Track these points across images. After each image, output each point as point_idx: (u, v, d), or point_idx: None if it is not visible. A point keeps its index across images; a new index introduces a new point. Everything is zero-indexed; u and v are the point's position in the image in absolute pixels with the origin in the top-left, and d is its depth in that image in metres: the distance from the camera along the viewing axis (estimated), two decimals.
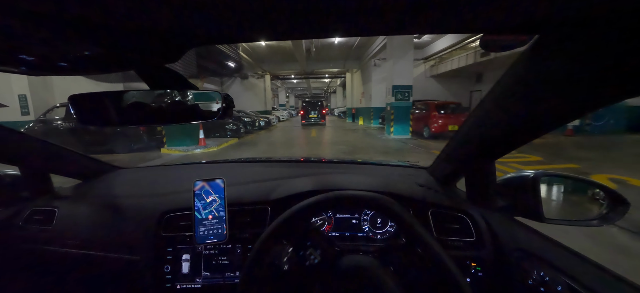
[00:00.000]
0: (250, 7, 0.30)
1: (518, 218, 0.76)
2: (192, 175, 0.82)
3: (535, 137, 0.56)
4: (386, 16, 0.34)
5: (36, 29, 0.30)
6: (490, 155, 0.71)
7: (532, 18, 0.35)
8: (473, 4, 0.31)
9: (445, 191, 0.87)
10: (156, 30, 0.35)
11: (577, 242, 1.58)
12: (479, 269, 0.72)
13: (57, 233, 0.87)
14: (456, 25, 0.38)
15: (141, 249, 0.80)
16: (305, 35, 0.40)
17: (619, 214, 0.64)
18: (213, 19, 0.33)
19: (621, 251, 2.07)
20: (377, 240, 0.85)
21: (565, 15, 0.33)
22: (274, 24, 0.35)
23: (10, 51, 0.34)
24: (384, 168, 1.13)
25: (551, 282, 0.58)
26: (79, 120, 0.48)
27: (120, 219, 0.87)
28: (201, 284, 0.80)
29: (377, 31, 0.41)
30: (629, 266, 1.86)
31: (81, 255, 0.83)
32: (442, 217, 0.80)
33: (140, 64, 0.45)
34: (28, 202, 0.95)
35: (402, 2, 0.30)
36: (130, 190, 1.02)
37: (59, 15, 0.28)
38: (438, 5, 0.31)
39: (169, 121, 0.53)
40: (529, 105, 0.49)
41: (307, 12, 0.32)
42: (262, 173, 1.07)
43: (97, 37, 0.34)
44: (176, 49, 0.42)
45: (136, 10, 0.29)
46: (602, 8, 0.30)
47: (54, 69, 0.43)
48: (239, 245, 0.82)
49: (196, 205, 0.69)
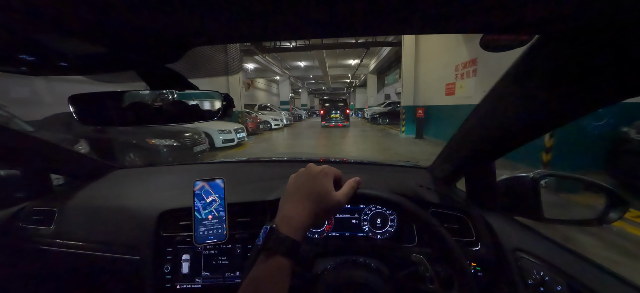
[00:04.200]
0: (250, 7, 0.30)
1: (518, 218, 0.76)
2: (192, 175, 0.82)
3: (536, 137, 0.56)
4: (384, 16, 0.34)
5: (36, 29, 0.30)
6: (490, 155, 0.71)
7: (532, 18, 0.35)
8: (473, 3, 0.31)
9: (445, 191, 0.87)
10: (156, 30, 0.35)
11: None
12: (479, 269, 0.72)
13: (56, 233, 0.87)
14: (456, 25, 0.38)
15: (141, 249, 0.80)
16: (306, 35, 0.40)
17: (618, 214, 0.64)
18: (213, 19, 0.33)
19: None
20: (377, 240, 0.85)
21: (565, 16, 0.33)
22: (275, 25, 0.35)
23: (10, 51, 0.34)
24: (384, 168, 1.13)
25: (551, 282, 0.58)
26: (79, 120, 0.48)
27: (120, 219, 0.87)
28: (201, 284, 0.80)
29: (376, 31, 0.41)
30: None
31: (81, 255, 0.83)
32: (442, 217, 0.80)
33: (140, 64, 0.45)
34: (28, 202, 0.95)
35: (402, 2, 0.30)
36: (130, 190, 1.02)
37: (59, 15, 0.28)
38: (438, 5, 0.31)
39: (169, 121, 0.53)
40: (529, 106, 0.49)
41: (308, 12, 0.32)
42: (262, 173, 1.07)
43: (97, 37, 0.34)
44: (176, 49, 0.42)
45: (136, 10, 0.29)
46: (602, 8, 0.30)
47: (54, 69, 0.43)
48: (239, 245, 0.82)
49: (196, 205, 0.69)
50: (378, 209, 0.87)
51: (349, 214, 0.88)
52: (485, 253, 0.73)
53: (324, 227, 0.87)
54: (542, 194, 0.70)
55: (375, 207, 0.87)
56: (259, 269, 0.41)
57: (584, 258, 0.60)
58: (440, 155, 0.90)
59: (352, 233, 0.86)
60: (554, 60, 0.40)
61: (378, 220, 0.86)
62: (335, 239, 0.86)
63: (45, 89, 5.71)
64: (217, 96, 0.51)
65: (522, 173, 0.74)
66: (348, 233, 0.87)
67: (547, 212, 0.68)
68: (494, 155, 0.71)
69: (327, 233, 0.86)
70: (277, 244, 0.42)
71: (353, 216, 0.88)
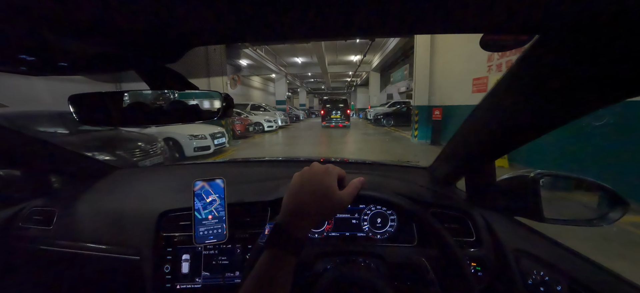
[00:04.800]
0: (251, 7, 0.30)
1: (518, 218, 0.76)
2: (192, 175, 0.82)
3: (536, 137, 0.56)
4: (384, 17, 0.34)
5: (36, 29, 0.30)
6: (490, 155, 0.71)
7: (532, 18, 0.35)
8: (473, 4, 0.31)
9: (445, 191, 0.87)
10: (156, 30, 0.35)
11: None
12: (479, 269, 0.72)
13: (56, 233, 0.87)
14: (456, 25, 0.38)
15: (141, 249, 0.80)
16: (306, 37, 0.40)
17: (618, 214, 0.64)
18: (213, 19, 0.33)
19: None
20: (377, 240, 0.85)
21: (565, 15, 0.33)
22: (275, 25, 0.35)
23: (10, 51, 0.34)
24: (384, 168, 1.13)
25: (551, 282, 0.59)
26: (78, 120, 0.48)
27: (119, 219, 0.87)
28: (201, 284, 0.80)
29: (376, 33, 0.41)
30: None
31: (81, 255, 0.83)
32: (442, 217, 0.80)
33: (140, 64, 0.45)
34: (28, 202, 0.95)
35: (401, 3, 0.30)
36: (130, 190, 1.02)
37: (59, 15, 0.28)
38: (438, 6, 0.31)
39: (169, 121, 0.53)
40: (529, 106, 0.49)
41: (308, 13, 0.32)
42: (262, 173, 1.07)
43: (97, 37, 0.34)
44: (176, 49, 0.42)
45: (136, 11, 0.29)
46: (602, 8, 0.30)
47: (54, 69, 0.43)
48: (239, 245, 0.82)
49: (196, 205, 0.69)
50: (378, 209, 0.87)
51: (349, 214, 0.88)
52: (485, 253, 0.73)
53: (324, 227, 0.87)
54: (542, 194, 0.70)
55: (375, 207, 0.87)
56: (262, 266, 0.41)
57: (584, 258, 0.60)
58: (440, 155, 0.90)
59: (352, 233, 0.86)
60: (554, 60, 0.40)
61: (378, 220, 0.86)
62: (335, 239, 0.86)
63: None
64: (216, 96, 0.51)
65: (522, 173, 0.74)
66: (348, 233, 0.87)
67: (547, 212, 0.68)
68: (494, 155, 0.71)
69: (327, 233, 0.86)
70: (281, 241, 0.42)
71: (353, 216, 0.87)
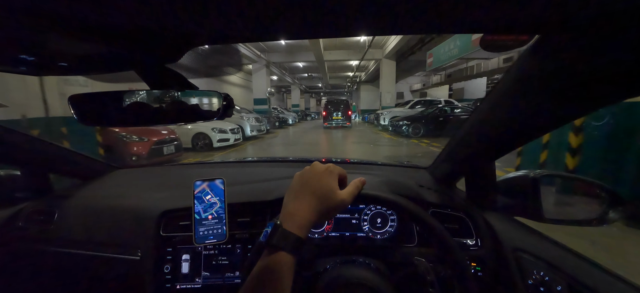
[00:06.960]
0: (251, 7, 0.30)
1: (518, 218, 0.76)
2: (192, 175, 0.82)
3: (536, 137, 0.56)
4: (384, 16, 0.34)
5: (36, 29, 0.30)
6: (490, 155, 0.71)
7: (532, 18, 0.35)
8: (473, 4, 0.31)
9: (445, 191, 0.87)
10: (156, 30, 0.35)
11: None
12: (479, 269, 0.72)
13: (56, 233, 0.87)
14: (456, 26, 0.38)
15: (141, 249, 0.80)
16: (306, 35, 0.40)
17: (618, 214, 0.64)
18: (213, 19, 0.33)
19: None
20: (377, 240, 0.85)
21: (565, 15, 0.33)
22: (275, 24, 0.35)
23: (10, 51, 0.34)
24: (384, 169, 1.13)
25: (551, 282, 0.58)
26: (79, 120, 0.48)
27: (119, 219, 0.87)
28: (201, 284, 0.80)
29: (376, 31, 0.41)
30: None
31: (81, 255, 0.83)
32: (442, 217, 0.80)
33: (140, 64, 0.45)
34: (28, 202, 0.95)
35: (401, 3, 0.30)
36: (130, 190, 1.02)
37: (59, 15, 0.28)
38: (438, 6, 0.31)
39: (170, 121, 0.53)
40: (529, 106, 0.49)
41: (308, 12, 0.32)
42: (262, 174, 1.07)
43: (97, 37, 0.34)
44: (176, 49, 0.42)
45: (136, 10, 0.29)
46: (602, 8, 0.30)
47: (54, 69, 0.43)
48: (239, 245, 0.82)
49: (196, 205, 0.69)
50: (378, 209, 0.87)
51: (349, 214, 0.88)
52: (485, 253, 0.73)
53: (324, 227, 0.87)
54: (542, 194, 0.70)
55: (375, 207, 0.87)
56: (263, 265, 0.41)
57: (584, 258, 0.60)
58: (440, 155, 0.90)
59: (352, 233, 0.86)
60: (554, 60, 0.40)
61: (378, 220, 0.86)
62: (335, 239, 0.86)
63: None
64: (217, 96, 0.51)
65: (522, 173, 0.74)
66: (348, 233, 0.86)
67: (547, 212, 0.68)
68: (494, 155, 0.71)
69: (327, 233, 0.86)
70: (282, 240, 0.42)
71: (353, 216, 0.87)
